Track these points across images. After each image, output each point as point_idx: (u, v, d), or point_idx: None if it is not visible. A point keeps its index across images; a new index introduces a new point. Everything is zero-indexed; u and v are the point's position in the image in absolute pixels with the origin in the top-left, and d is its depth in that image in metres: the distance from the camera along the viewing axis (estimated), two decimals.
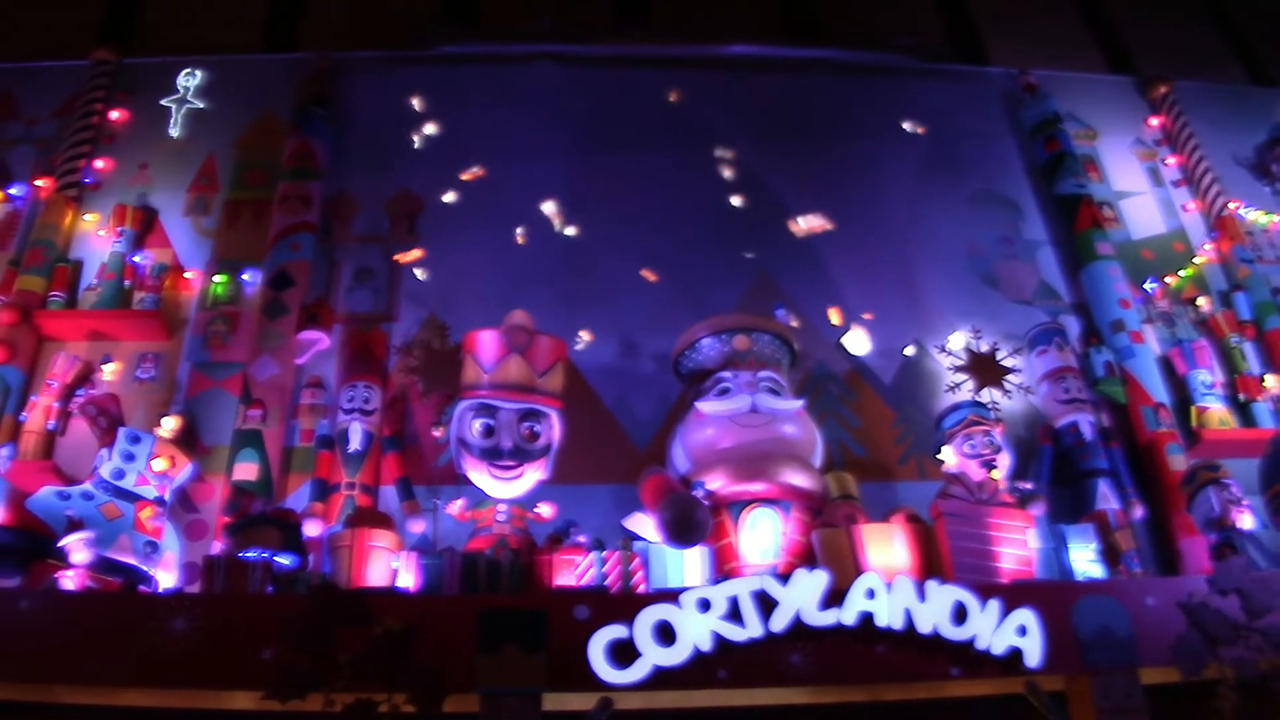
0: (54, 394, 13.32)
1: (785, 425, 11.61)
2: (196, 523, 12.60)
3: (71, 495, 11.24)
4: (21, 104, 17.01)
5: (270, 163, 15.54)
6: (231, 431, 12.98)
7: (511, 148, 15.70)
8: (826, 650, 9.39)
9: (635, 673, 9.12)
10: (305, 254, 14.30)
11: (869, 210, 15.28)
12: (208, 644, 9.25)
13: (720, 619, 9.33)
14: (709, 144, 15.62)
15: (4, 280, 14.49)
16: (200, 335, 14.16)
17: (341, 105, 16.20)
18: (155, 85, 16.87)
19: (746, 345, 12.07)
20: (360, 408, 12.86)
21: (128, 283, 14.26)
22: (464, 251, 14.63)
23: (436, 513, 12.17)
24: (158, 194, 15.57)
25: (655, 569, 10.42)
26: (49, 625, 9.49)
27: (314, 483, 12.56)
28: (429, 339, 13.80)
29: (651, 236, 14.78)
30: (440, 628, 8.98)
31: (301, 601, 8.93)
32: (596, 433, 13.15)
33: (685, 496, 10.55)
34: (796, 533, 10.96)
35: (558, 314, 13.39)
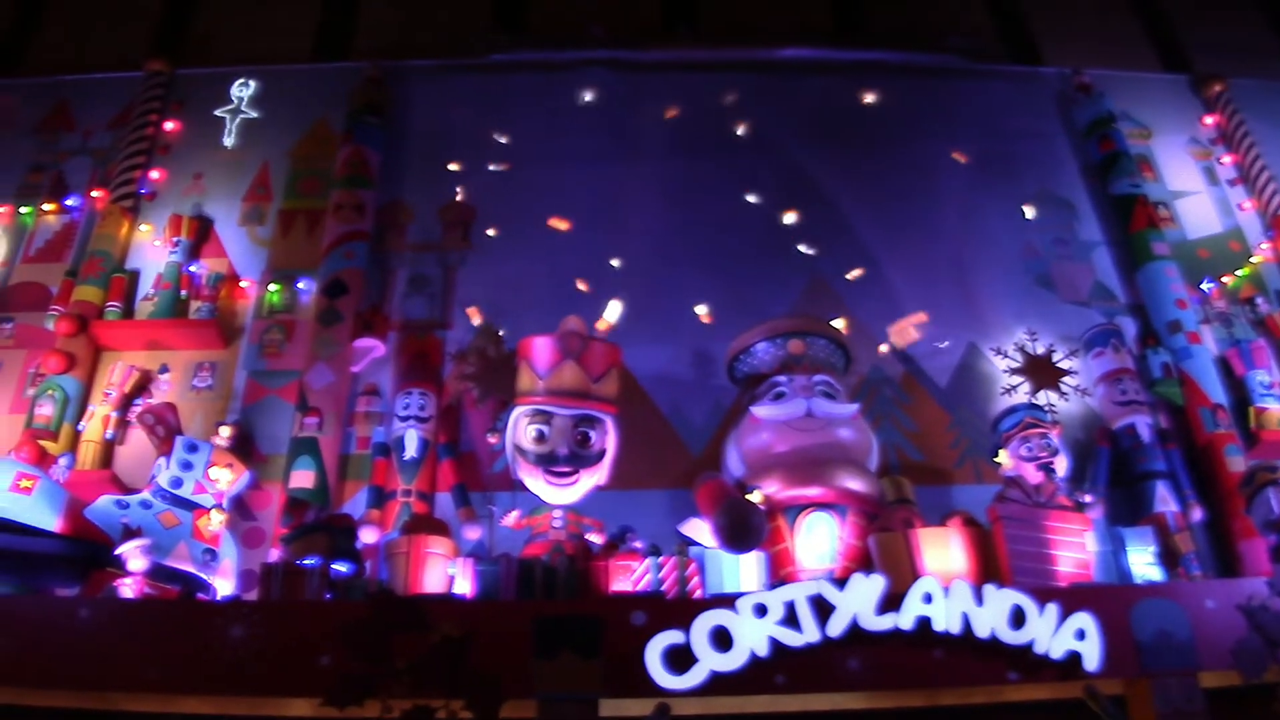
0: (112, 403, 13.44)
1: (841, 429, 11.58)
2: (254, 530, 12.68)
3: (130, 504, 11.30)
4: (77, 115, 17.16)
5: (324, 171, 15.64)
6: (288, 439, 13.06)
7: (564, 154, 15.74)
8: (883, 655, 9.32)
9: (692, 678, 9.08)
10: (359, 262, 14.35)
11: (922, 212, 15.21)
12: (265, 651, 9.28)
13: (777, 624, 9.28)
14: (761, 148, 15.59)
15: (61, 291, 14.62)
16: (256, 344, 14.25)
17: (394, 114, 16.26)
18: (209, 96, 16.99)
19: (801, 349, 12.05)
20: (416, 415, 12.89)
21: (184, 292, 14.36)
22: (518, 258, 14.65)
23: (492, 519, 12.18)
24: (213, 204, 15.68)
25: (711, 574, 10.38)
26: (108, 633, 9.55)
27: (370, 490, 12.60)
28: (484, 346, 13.80)
29: (705, 241, 14.75)
30: (496, 634, 8.99)
31: (359, 608, 8.95)
32: (652, 438, 13.13)
33: (741, 501, 10.52)
34: (853, 537, 10.93)
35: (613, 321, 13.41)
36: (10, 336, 14.71)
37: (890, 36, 17.67)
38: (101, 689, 9.47)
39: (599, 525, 11.45)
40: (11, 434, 13.44)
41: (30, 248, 15.65)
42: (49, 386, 13.55)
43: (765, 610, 9.33)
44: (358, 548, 11.35)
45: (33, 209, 15.78)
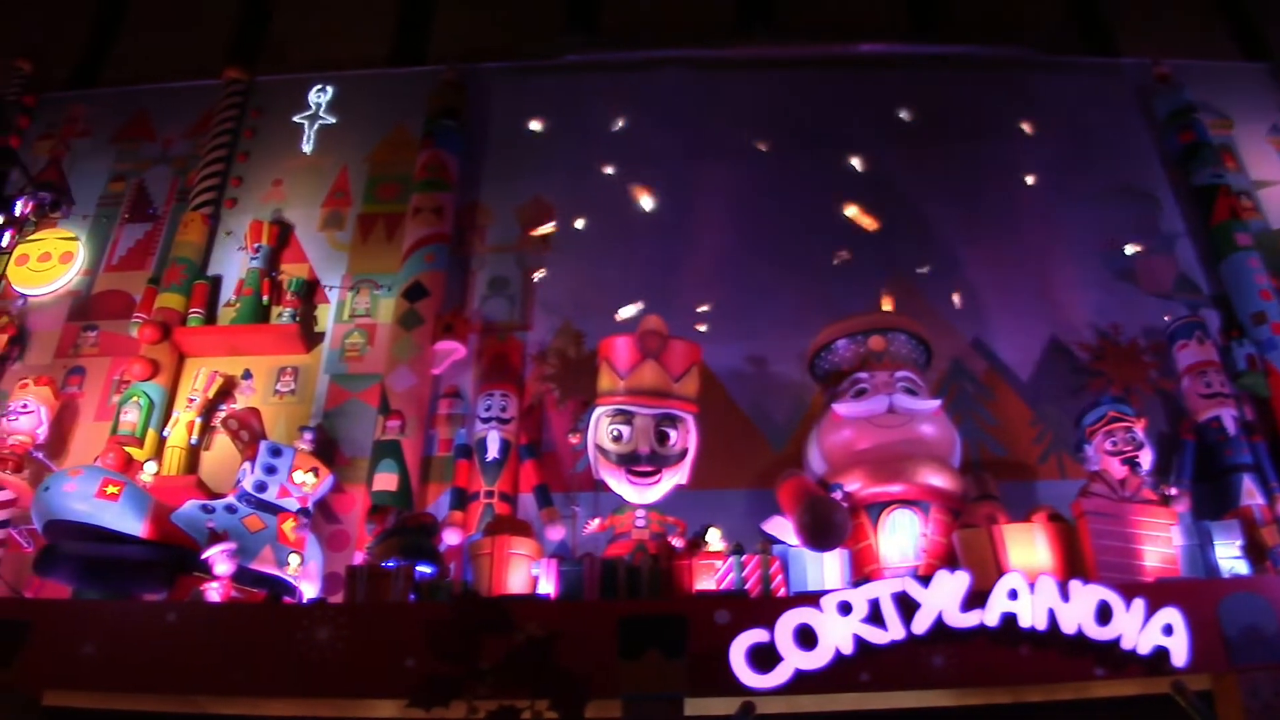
0: (196, 409, 13.58)
1: (923, 425, 11.46)
2: (338, 533, 12.77)
3: (215, 509, 11.41)
4: (157, 125, 17.36)
5: (402, 175, 15.73)
6: (370, 442, 13.14)
7: (640, 153, 15.74)
8: (969, 652, 9.24)
9: (777, 677, 9.05)
10: (439, 265, 14.42)
11: (1002, 206, 15.05)
12: (351, 653, 9.36)
13: (861, 622, 9.24)
14: (838, 144, 15.53)
15: (144, 298, 14.79)
16: (338, 348, 14.35)
17: (471, 116, 16.31)
18: (287, 102, 17.15)
19: (882, 345, 11.95)
20: (497, 416, 12.92)
21: (265, 298, 14.48)
22: (597, 258, 14.67)
23: (575, 520, 12.19)
24: (292, 209, 15.82)
25: (795, 572, 10.33)
26: (195, 637, 9.66)
27: (453, 491, 12.63)
28: (564, 346, 13.83)
29: (784, 238, 14.69)
30: (581, 634, 8.96)
31: (443, 610, 8.98)
32: (733, 437, 13.09)
33: (824, 499, 10.46)
34: (937, 534, 10.84)
35: (691, 319, 13.38)
36: (95, 344, 14.90)
37: (967, 30, 17.53)
38: (189, 692, 9.58)
39: (681, 525, 11.42)
40: (98, 441, 13.62)
41: (113, 256, 15.84)
42: (134, 393, 13.70)
43: (850, 608, 9.28)
44: (440, 549, 11.43)
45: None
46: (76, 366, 14.73)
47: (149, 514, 11.10)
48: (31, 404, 13.50)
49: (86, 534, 10.92)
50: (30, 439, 13.40)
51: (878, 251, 14.57)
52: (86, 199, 16.34)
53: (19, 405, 13.49)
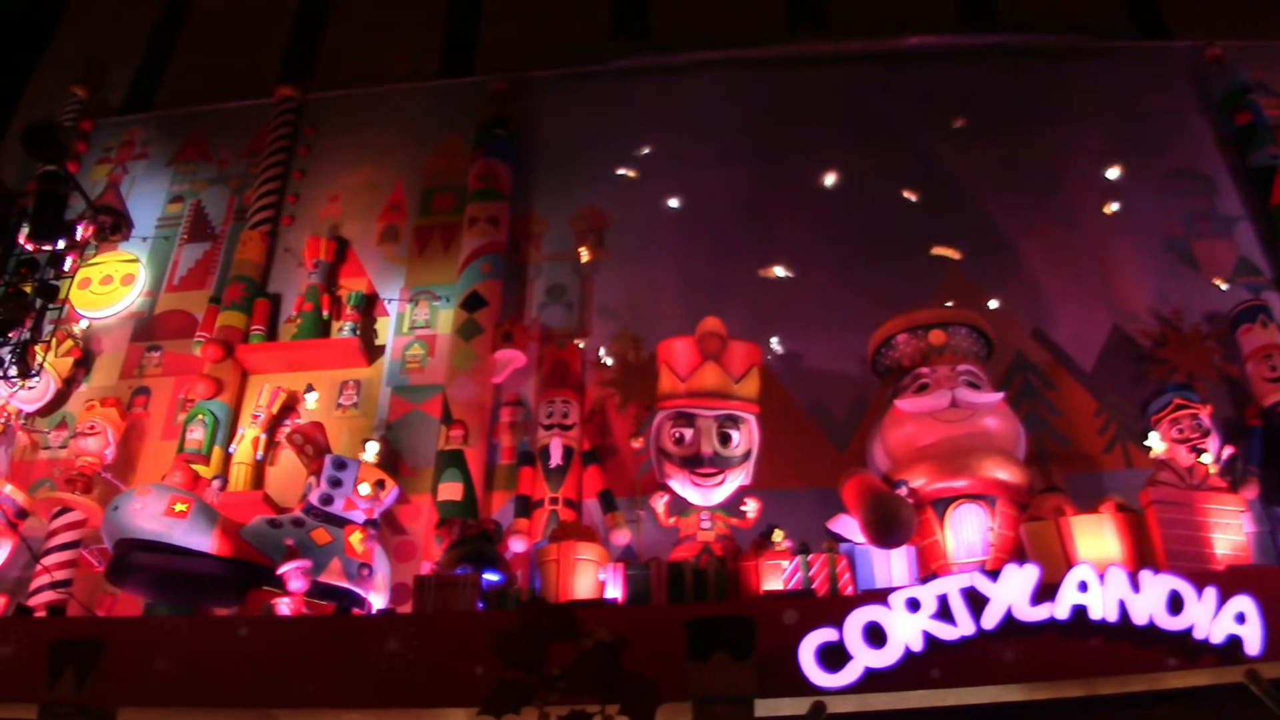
0: (261, 425, 13.69)
1: (987, 418, 11.39)
2: (405, 543, 12.83)
3: (282, 523, 11.48)
4: (212, 145, 17.53)
5: (456, 186, 15.80)
6: (434, 453, 13.19)
7: (693, 155, 15.73)
8: (1039, 645, 9.17)
9: (846, 675, 9.01)
10: (496, 274, 14.48)
11: (1058, 194, 14.92)
12: (421, 662, 9.39)
13: (930, 618, 9.19)
14: (890, 139, 15.47)
15: (206, 317, 14.93)
16: (398, 360, 14.43)
17: (522, 125, 16.36)
18: (339, 118, 17.29)
19: (943, 339, 11.87)
20: (559, 423, 12.93)
21: (325, 313, 14.59)
22: (653, 262, 14.67)
23: (640, 524, 12.20)
24: (349, 224, 15.93)
25: (862, 570, 10.30)
26: (266, 650, 9.73)
27: (517, 499, 12.65)
28: (623, 351, 13.84)
29: (839, 235, 14.64)
30: (649, 637, 8.93)
31: (511, 617, 9.01)
32: (795, 436, 13.05)
33: (889, 496, 10.43)
34: (1004, 527, 10.76)
35: (750, 319, 13.34)
36: (159, 364, 15.06)
37: (1017, 19, 17.42)
38: (262, 705, 9.62)
39: (747, 525, 11.39)
40: (165, 459, 13.75)
41: (174, 276, 15.99)
42: (199, 411, 13.84)
43: (918, 605, 9.23)
44: (506, 556, 11.47)
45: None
46: (142, 387, 14.89)
47: (218, 530, 11.19)
48: (98, 425, 13.65)
49: (156, 551, 11.03)
50: (98, 460, 13.55)
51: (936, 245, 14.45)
52: (145, 221, 16.48)
53: (86, 427, 13.65)
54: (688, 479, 11.45)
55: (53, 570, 12.75)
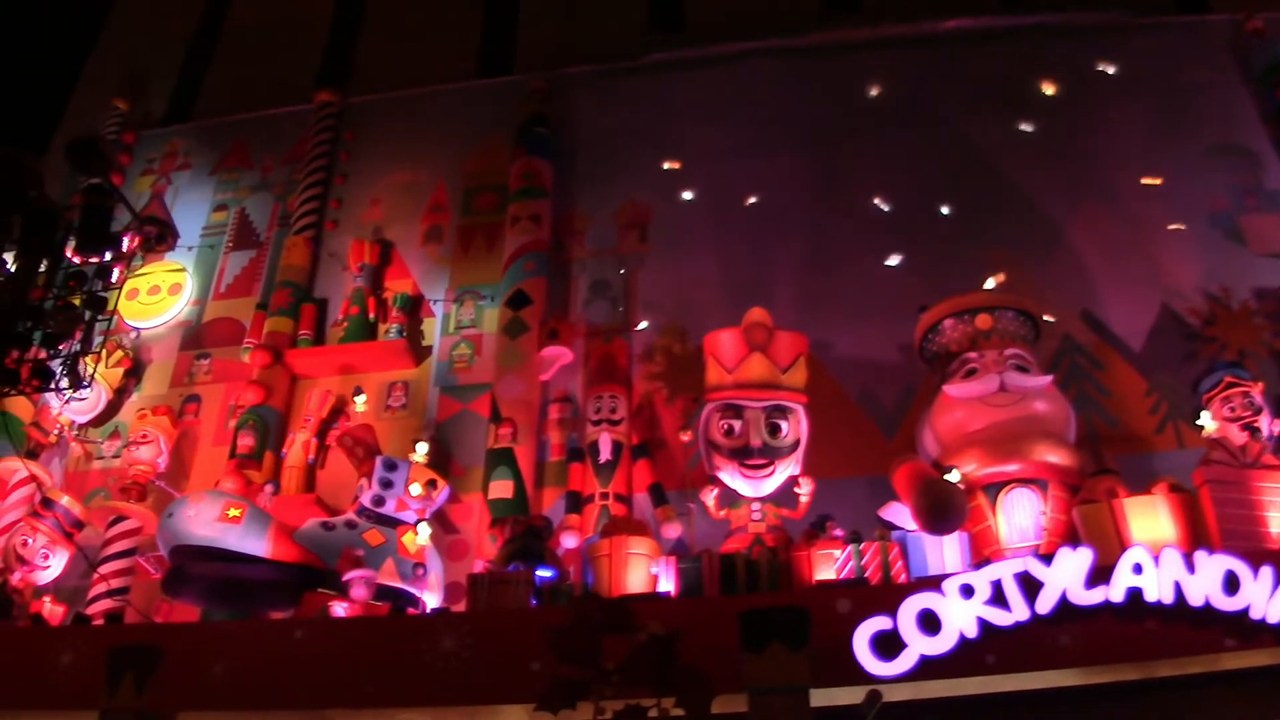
0: (311, 429, 13.75)
1: (1036, 402, 11.30)
2: (457, 542, 12.88)
3: (336, 525, 11.55)
4: (254, 153, 17.63)
5: (498, 186, 15.82)
6: (484, 451, 13.23)
7: (734, 147, 15.70)
8: (1095, 629, 9.10)
9: (901, 663, 8.99)
10: (540, 272, 14.49)
11: (1100, 173, 14.79)
12: (476, 660, 9.43)
13: (985, 604, 9.14)
14: (932, 122, 15.38)
15: (253, 324, 15.02)
16: (445, 360, 14.48)
17: (562, 122, 16.36)
18: (379, 121, 17.34)
19: (989, 323, 11.79)
20: (607, 418, 12.95)
21: (372, 316, 14.64)
22: (697, 255, 14.64)
23: (691, 517, 12.19)
24: (392, 227, 15.99)
25: (915, 557, 10.26)
26: (323, 652, 9.80)
27: (568, 495, 12.69)
28: (669, 344, 13.83)
29: (882, 221, 14.57)
30: (703, 630, 8.90)
31: (565, 612, 9.02)
32: (844, 425, 13.00)
33: (940, 482, 10.39)
34: (1056, 511, 10.66)
35: (795, 308, 13.30)
36: (208, 372, 15.17)
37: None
38: (319, 707, 9.70)
39: (798, 516, 11.37)
40: (217, 465, 13.85)
41: (220, 284, 16.10)
42: (249, 417, 13.93)
43: (972, 591, 9.18)
44: (558, 552, 11.48)
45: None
46: (192, 395, 15.02)
47: (271, 534, 11.25)
48: (151, 433, 13.77)
49: (212, 557, 11.11)
50: (151, 468, 13.67)
51: (980, 228, 14.35)
52: (190, 230, 16.58)
53: (139, 435, 13.78)
54: (737, 470, 11.42)
55: (110, 578, 12.85)
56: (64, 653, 10.25)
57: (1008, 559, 9.65)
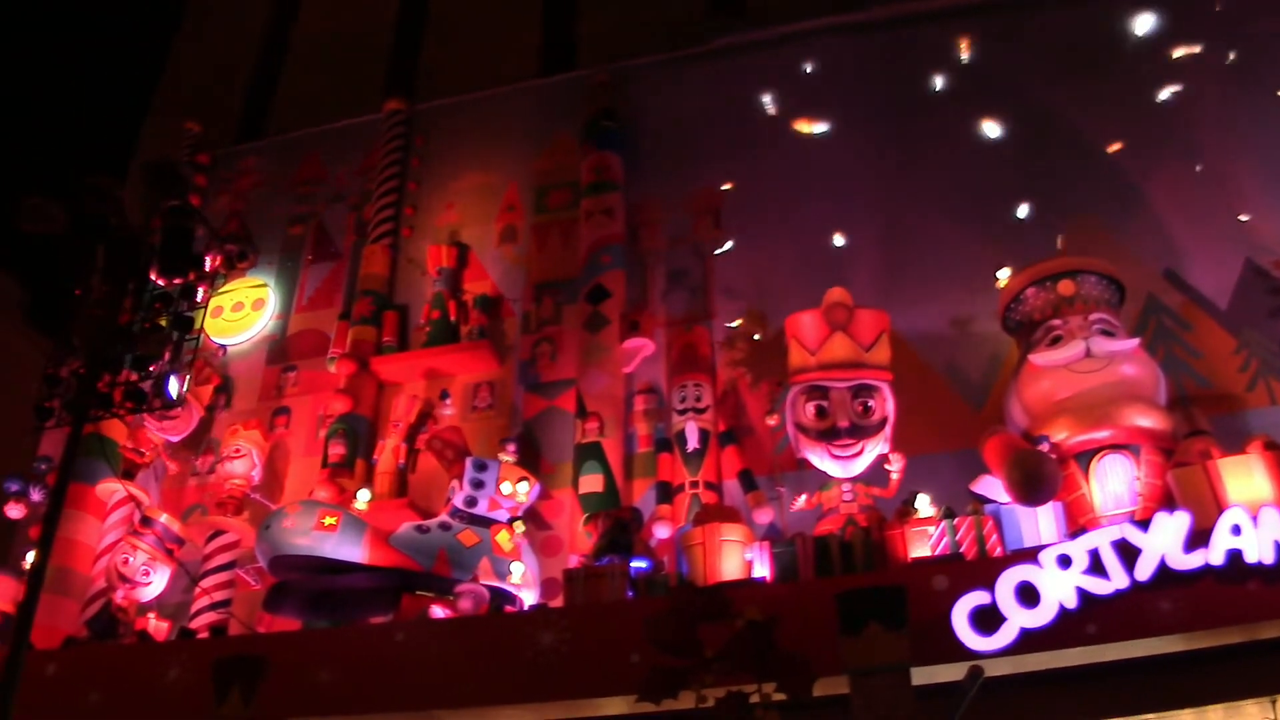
0: (400, 434, 13.86)
1: (1124, 366, 11.18)
2: (550, 539, 12.92)
3: (430, 528, 11.66)
4: (328, 165, 17.78)
5: (570, 182, 15.86)
6: (572, 446, 13.30)
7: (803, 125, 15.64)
8: (1196, 593, 9.02)
9: (1002, 638, 8.95)
10: (617, 265, 14.52)
11: (1181, 130, 14.52)
12: (576, 654, 9.50)
13: (1083, 573, 9.08)
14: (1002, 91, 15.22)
15: (337, 334, 15.16)
16: (528, 358, 14.54)
17: (629, 114, 16.35)
18: (449, 126, 17.43)
19: (1072, 290, 11.65)
20: (693, 407, 12.96)
21: (453, 319, 14.73)
22: (772, 238, 14.59)
23: (782, 501, 12.18)
24: (467, 229, 16.08)
25: (1009, 530, 10.20)
26: (424, 653, 9.91)
27: (658, 486, 12.73)
28: (750, 330, 13.80)
29: (959, 193, 14.42)
30: (800, 613, 8.93)
31: (662, 603, 9.05)
32: (930, 400, 12.92)
33: (1031, 453, 10.31)
34: (1150, 476, 10.55)
35: (875, 285, 13.23)
36: (296, 384, 15.34)
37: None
38: (423, 708, 9.80)
39: (889, 494, 11.34)
40: (310, 475, 14.01)
41: (302, 297, 16.27)
42: (339, 426, 14.07)
43: (1069, 561, 9.13)
44: (650, 542, 11.53)
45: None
46: (281, 407, 15.21)
47: (367, 539, 11.38)
48: (243, 448, 13.97)
49: (310, 566, 11.26)
50: (246, 481, 13.86)
51: (1057, 195, 14.19)
52: (269, 246, 16.78)
53: (231, 450, 13.96)
54: (826, 452, 11.40)
55: (211, 592, 13.04)
56: (171, 667, 10.46)
57: (1104, 527, 9.59)
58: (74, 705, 10.60)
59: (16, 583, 12.92)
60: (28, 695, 8.78)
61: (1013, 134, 14.80)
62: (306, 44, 20.28)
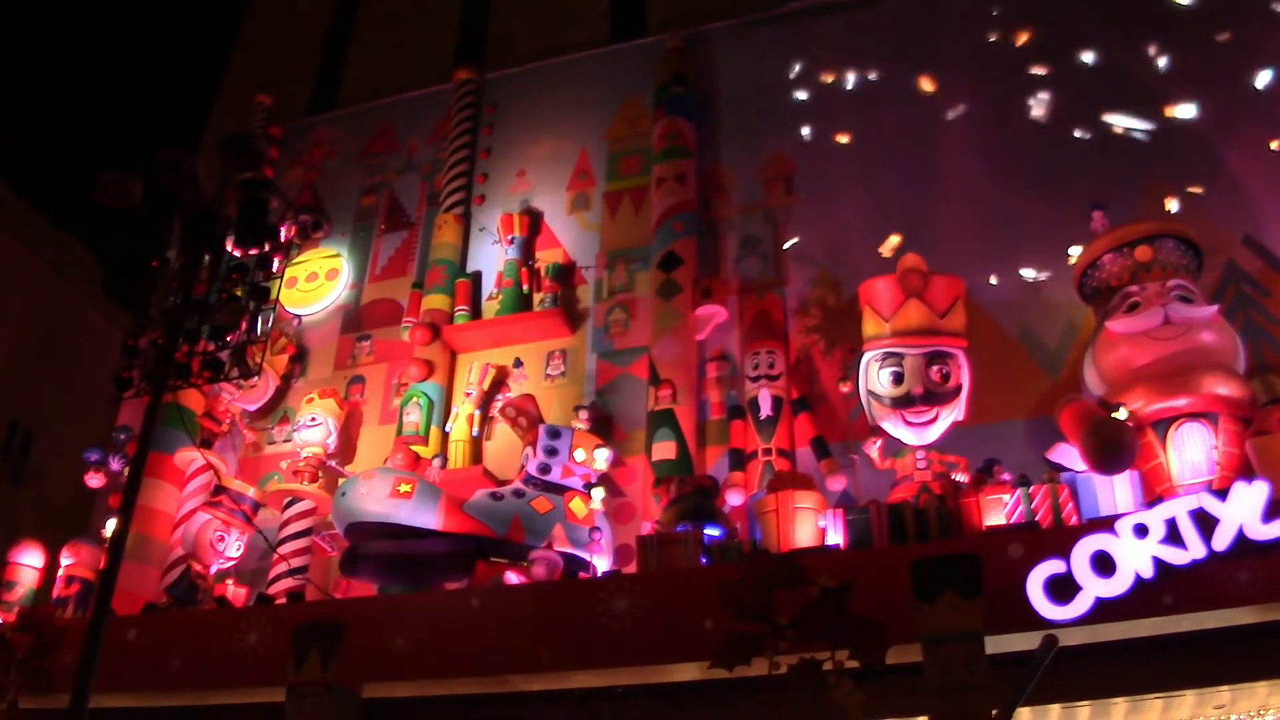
0: (474, 402, 13.96)
1: (1202, 333, 11.00)
2: (624, 505, 12.96)
3: (504, 495, 11.73)
4: (399, 135, 17.86)
5: (641, 149, 15.84)
6: (645, 414, 13.32)
7: (876, 89, 15.51)
8: (1275, 564, 8.86)
9: (1077, 607, 8.86)
10: (689, 232, 14.50)
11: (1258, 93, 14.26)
12: (649, 620, 9.49)
13: (1159, 543, 8.97)
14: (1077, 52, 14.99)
15: (411, 303, 15.25)
16: (601, 326, 14.57)
17: (700, 80, 16.27)
18: (519, 94, 17.43)
19: (1150, 255, 11.48)
20: (766, 374, 12.96)
21: (526, 287, 14.78)
22: (845, 203, 14.50)
23: (855, 468, 12.15)
24: (539, 197, 16.12)
25: (1085, 498, 10.12)
26: (499, 619, 9.98)
27: (731, 453, 12.74)
28: (823, 296, 13.75)
29: (1034, 156, 14.24)
30: (874, 581, 8.91)
31: (736, 570, 9.06)
32: (1006, 367, 12.81)
33: (1108, 421, 10.21)
34: (1229, 444, 10.39)
35: (949, 251, 13.12)
36: (370, 353, 15.45)
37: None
38: (498, 673, 9.86)
39: (963, 462, 11.27)
40: (385, 443, 14.13)
41: (375, 267, 16.37)
42: (413, 394, 14.18)
43: (1146, 530, 9.01)
44: (724, 509, 11.53)
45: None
46: (356, 376, 15.34)
47: (442, 507, 11.46)
48: (319, 416, 14.10)
49: (386, 533, 11.35)
50: (322, 449, 13.99)
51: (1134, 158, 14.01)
52: (342, 216, 16.91)
53: (307, 419, 14.11)
54: (900, 419, 11.36)
55: (289, 558, 13.19)
56: (249, 633, 10.57)
57: (1181, 496, 9.47)
58: (155, 670, 10.75)
59: (97, 550, 13.17)
60: (110, 661, 8.92)
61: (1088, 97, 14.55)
62: (377, 15, 20.33)
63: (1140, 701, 9.50)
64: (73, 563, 13.18)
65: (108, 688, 9.81)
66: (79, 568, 13.14)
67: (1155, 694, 9.39)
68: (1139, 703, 9.52)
